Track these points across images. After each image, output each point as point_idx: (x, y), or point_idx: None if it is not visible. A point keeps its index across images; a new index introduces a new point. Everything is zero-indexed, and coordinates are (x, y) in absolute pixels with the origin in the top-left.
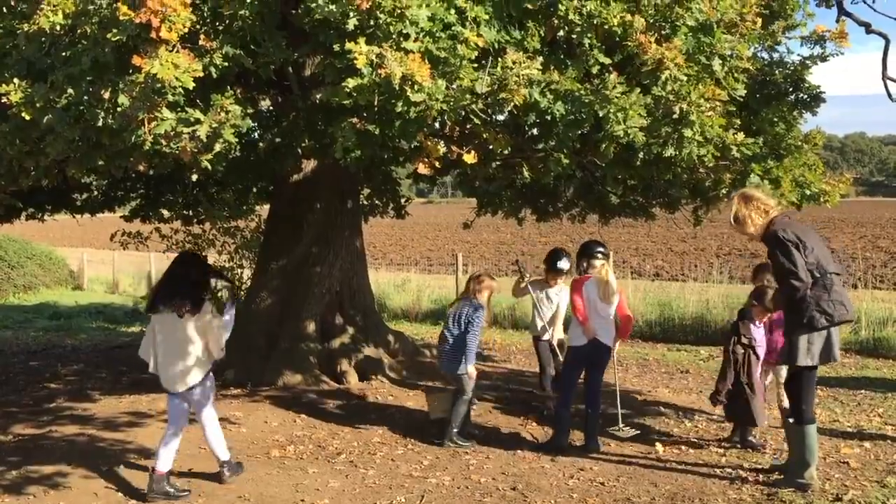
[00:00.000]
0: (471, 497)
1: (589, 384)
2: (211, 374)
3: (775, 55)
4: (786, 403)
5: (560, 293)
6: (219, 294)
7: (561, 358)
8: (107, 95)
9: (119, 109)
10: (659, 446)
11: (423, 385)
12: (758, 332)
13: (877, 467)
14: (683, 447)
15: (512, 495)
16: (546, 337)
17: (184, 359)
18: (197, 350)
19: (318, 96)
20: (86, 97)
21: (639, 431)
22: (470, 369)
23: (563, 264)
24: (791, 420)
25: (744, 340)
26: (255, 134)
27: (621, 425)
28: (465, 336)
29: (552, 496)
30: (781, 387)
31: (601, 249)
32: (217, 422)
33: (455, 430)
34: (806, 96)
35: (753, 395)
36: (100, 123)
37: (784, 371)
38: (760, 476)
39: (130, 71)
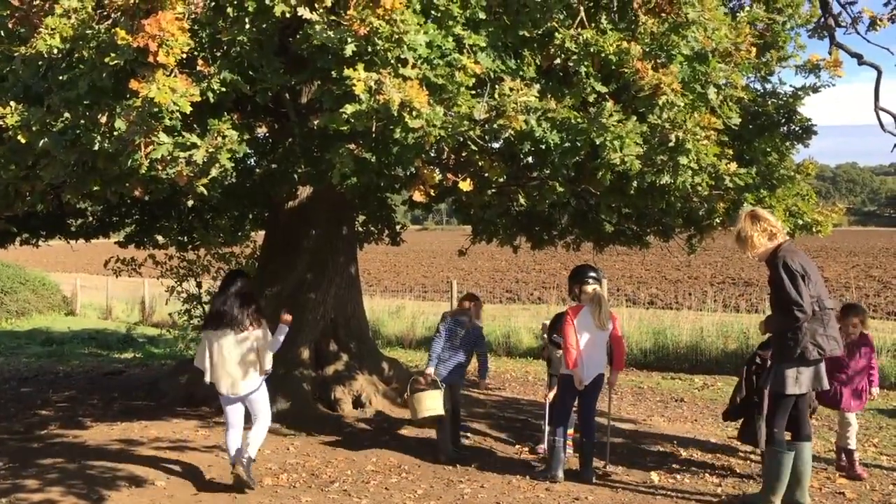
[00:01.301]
0: None
1: (582, 412)
2: (262, 383)
3: (768, 86)
4: (850, 444)
5: None
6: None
7: None
8: (104, 120)
9: (116, 133)
10: (654, 475)
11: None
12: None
13: (872, 498)
14: (679, 476)
15: None
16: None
17: (243, 368)
18: (253, 361)
19: (315, 122)
20: (82, 121)
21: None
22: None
23: None
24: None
25: (758, 360)
26: (252, 160)
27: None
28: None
29: None
30: (847, 429)
31: (593, 274)
32: (266, 427)
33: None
34: (798, 128)
35: (760, 417)
36: (96, 147)
37: (852, 417)
38: None
39: (128, 95)
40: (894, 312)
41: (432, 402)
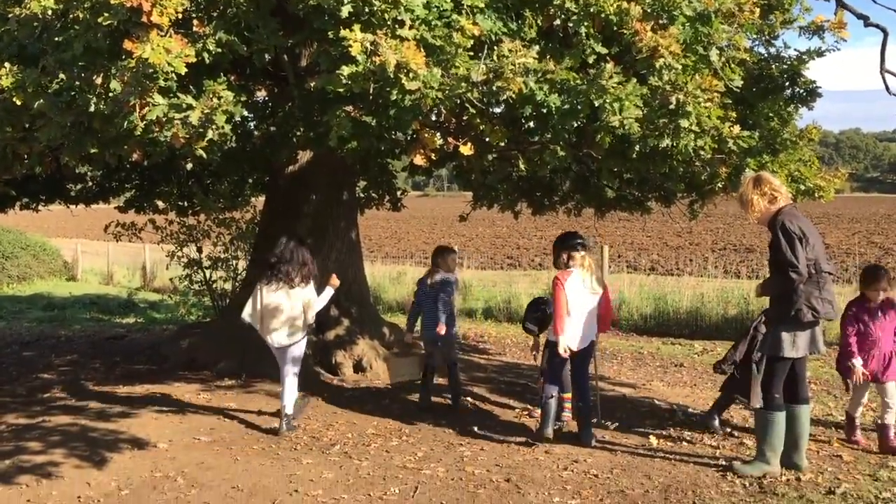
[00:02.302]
0: (465, 489)
1: (575, 377)
2: (305, 338)
3: (772, 50)
4: (889, 419)
5: None
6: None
7: None
8: (99, 81)
9: (111, 95)
10: (653, 439)
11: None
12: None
13: (869, 461)
14: (677, 440)
15: (506, 487)
16: None
17: (289, 321)
18: (299, 315)
19: (313, 84)
20: (77, 82)
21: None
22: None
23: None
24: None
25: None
26: (251, 124)
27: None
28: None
29: (546, 488)
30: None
31: (580, 241)
32: (296, 378)
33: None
34: (802, 91)
35: (758, 375)
36: (91, 109)
37: (892, 390)
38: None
39: (122, 56)
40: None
41: (404, 369)
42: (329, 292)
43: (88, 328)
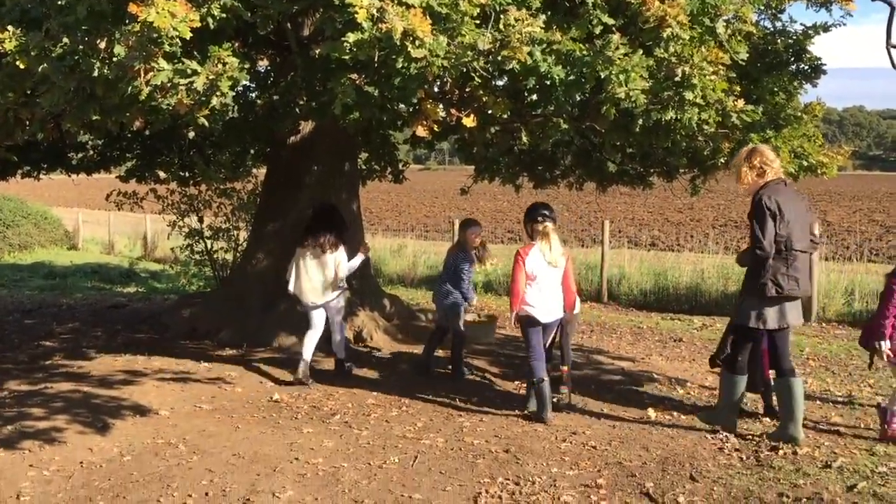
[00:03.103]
0: (464, 458)
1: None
2: (338, 298)
3: (778, 24)
4: None
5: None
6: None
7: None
8: (103, 45)
9: (115, 59)
10: (651, 411)
11: (414, 352)
12: None
13: (866, 436)
14: (675, 413)
15: (505, 457)
16: None
17: (323, 282)
18: (331, 276)
19: (317, 51)
20: (81, 47)
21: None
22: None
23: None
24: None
25: None
26: (253, 94)
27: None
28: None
29: (544, 459)
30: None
31: (545, 211)
32: (344, 330)
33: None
34: (807, 67)
35: (727, 337)
36: (95, 74)
37: None
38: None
39: (126, 20)
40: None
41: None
42: (360, 258)
43: (90, 297)
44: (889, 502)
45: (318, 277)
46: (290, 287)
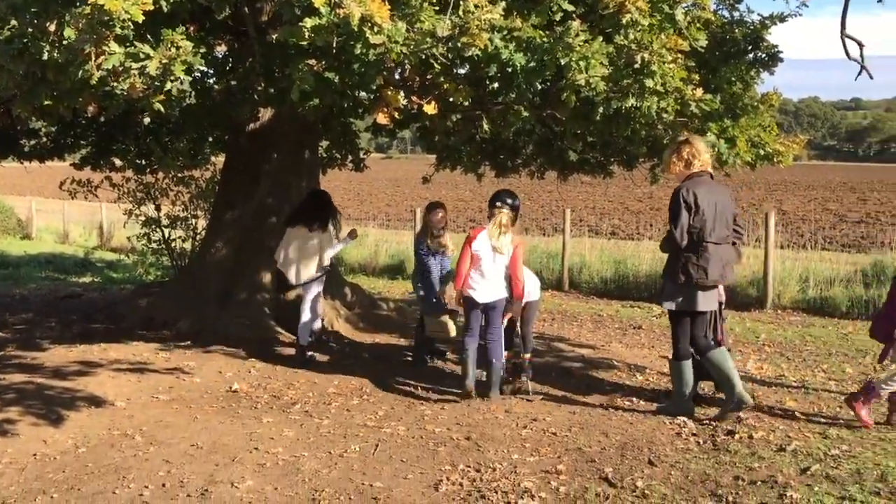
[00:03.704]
0: (425, 446)
1: (487, 333)
2: (323, 275)
3: (736, 14)
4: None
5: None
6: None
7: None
8: (52, 28)
9: (65, 43)
10: (611, 398)
11: (376, 341)
12: None
13: (819, 420)
14: (634, 399)
15: (466, 444)
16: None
17: (307, 260)
18: (316, 256)
19: (275, 37)
20: (30, 29)
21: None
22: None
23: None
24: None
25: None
26: (211, 80)
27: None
28: None
29: (505, 445)
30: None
31: (507, 199)
32: (316, 310)
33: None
34: (764, 55)
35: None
36: (45, 57)
37: None
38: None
39: (77, 2)
40: (848, 245)
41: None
42: (346, 241)
43: (44, 287)
44: (841, 484)
45: (304, 256)
46: (279, 264)
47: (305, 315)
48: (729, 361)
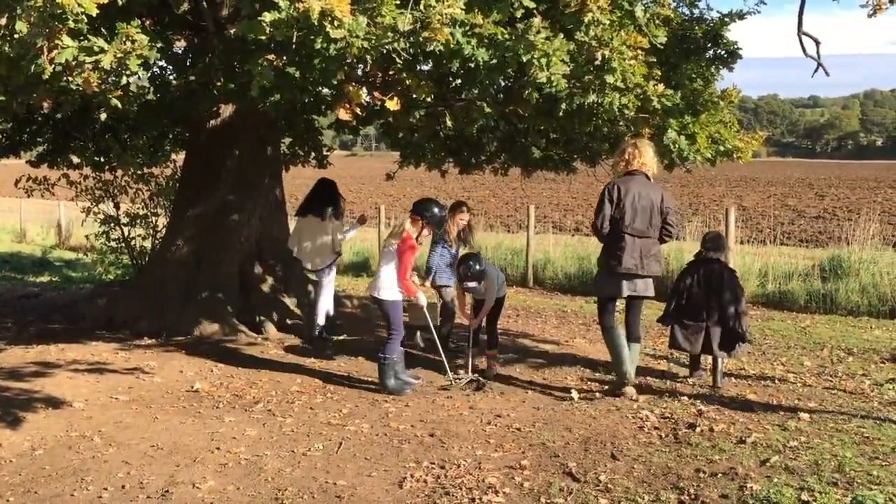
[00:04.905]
0: (389, 444)
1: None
2: (334, 262)
3: (696, 11)
4: None
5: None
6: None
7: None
8: (3, 22)
9: (16, 37)
10: (574, 393)
11: (342, 336)
12: None
13: (778, 412)
14: (597, 394)
15: (430, 441)
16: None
17: (320, 248)
18: (328, 243)
19: (233, 31)
20: None
21: (474, 378)
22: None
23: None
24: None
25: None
26: (171, 76)
27: (453, 375)
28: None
29: (469, 442)
30: None
31: (419, 207)
32: (328, 296)
33: None
34: (723, 52)
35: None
36: None
37: None
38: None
39: None
40: (806, 240)
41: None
42: (356, 227)
43: (0, 287)
44: (800, 475)
45: (317, 244)
46: (294, 253)
47: (324, 299)
48: (621, 344)
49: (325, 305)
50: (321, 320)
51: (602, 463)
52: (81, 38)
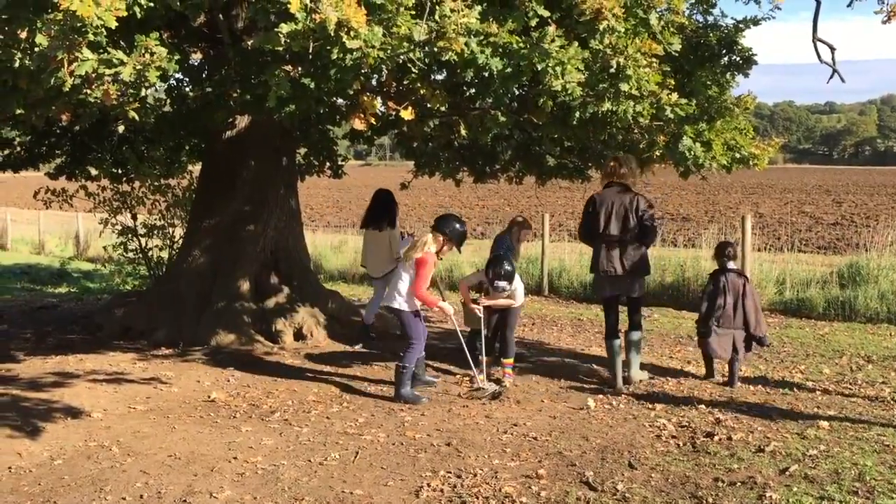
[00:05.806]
0: (405, 453)
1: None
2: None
3: (710, 18)
4: None
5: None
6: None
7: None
8: (23, 35)
9: (37, 50)
10: (591, 402)
11: (356, 348)
12: None
13: (798, 420)
14: (614, 402)
15: (446, 451)
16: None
17: (382, 256)
18: (389, 252)
19: (250, 43)
20: (1, 37)
21: (494, 387)
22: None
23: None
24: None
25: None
26: (187, 88)
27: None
28: None
29: (486, 451)
30: None
31: (440, 224)
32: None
33: None
34: (738, 58)
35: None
36: (16, 65)
37: None
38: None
39: (48, 8)
40: (824, 247)
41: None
42: (409, 239)
43: (19, 298)
44: (819, 484)
45: (378, 253)
46: (361, 263)
47: (379, 300)
48: (613, 349)
49: (377, 304)
50: (368, 319)
51: (619, 472)
52: (101, 50)
